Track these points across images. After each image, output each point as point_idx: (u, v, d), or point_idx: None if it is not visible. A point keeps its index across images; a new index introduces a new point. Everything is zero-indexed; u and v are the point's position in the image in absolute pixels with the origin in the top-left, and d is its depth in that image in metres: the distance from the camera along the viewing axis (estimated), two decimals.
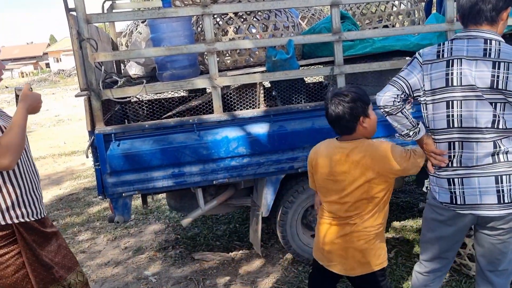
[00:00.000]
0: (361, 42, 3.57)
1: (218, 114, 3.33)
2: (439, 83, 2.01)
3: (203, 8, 3.18)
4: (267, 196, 3.56)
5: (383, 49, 3.59)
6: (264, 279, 3.65)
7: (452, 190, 2.08)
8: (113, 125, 3.25)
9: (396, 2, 4.70)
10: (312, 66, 3.89)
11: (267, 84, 4.31)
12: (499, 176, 1.99)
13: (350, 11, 4.69)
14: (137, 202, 5.72)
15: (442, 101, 2.02)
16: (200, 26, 3.69)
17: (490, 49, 1.93)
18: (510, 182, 1.99)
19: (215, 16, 3.60)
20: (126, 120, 3.37)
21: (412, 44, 3.60)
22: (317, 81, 5.35)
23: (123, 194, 3.31)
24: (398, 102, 2.04)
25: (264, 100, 3.71)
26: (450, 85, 1.98)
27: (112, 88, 3.26)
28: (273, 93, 3.64)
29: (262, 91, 3.50)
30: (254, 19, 3.55)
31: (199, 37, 3.69)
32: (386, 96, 2.05)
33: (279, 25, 3.56)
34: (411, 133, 2.11)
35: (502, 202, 2.00)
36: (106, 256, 4.38)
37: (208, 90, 4.17)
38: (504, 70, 1.89)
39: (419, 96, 2.09)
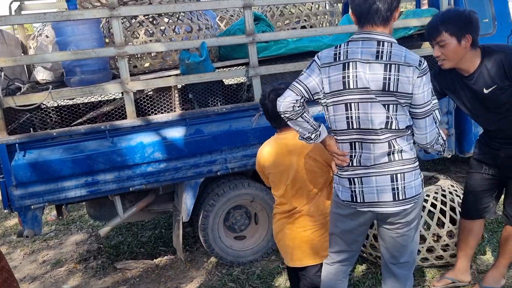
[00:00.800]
0: (275, 43, 3.61)
1: (131, 120, 3.24)
2: (337, 85, 2.03)
3: (111, 11, 3.08)
4: (187, 201, 3.51)
5: (297, 50, 3.64)
6: (187, 284, 3.60)
7: (353, 189, 2.15)
8: (17, 134, 3.07)
9: (317, 4, 4.79)
10: (229, 68, 3.88)
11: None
12: (394, 175, 2.07)
13: (270, 12, 4.74)
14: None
15: (341, 103, 2.06)
16: (111, 29, 3.56)
17: (382, 52, 1.97)
18: (404, 180, 2.07)
19: (125, 18, 3.49)
20: (32, 129, 3.19)
21: (325, 45, 3.68)
22: (240, 82, 5.35)
23: (32, 207, 3.14)
24: (298, 107, 2.05)
25: (182, 103, 3.65)
26: (347, 87, 2.02)
27: (14, 95, 3.08)
28: (190, 96, 3.59)
29: (177, 95, 3.44)
30: (170, 21, 3.48)
31: (109, 40, 3.57)
32: (286, 102, 2.06)
33: (193, 27, 3.51)
34: (312, 136, 2.14)
35: (397, 199, 2.08)
36: (22, 271, 4.14)
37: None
38: (394, 72, 1.95)
39: (319, 98, 2.12)
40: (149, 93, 3.60)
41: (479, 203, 2.93)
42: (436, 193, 3.44)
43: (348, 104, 2.04)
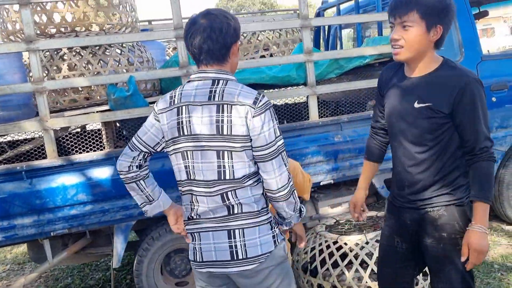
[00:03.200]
0: None
1: (51, 159, 3.03)
2: (174, 132, 1.82)
3: (28, 44, 2.90)
4: (117, 245, 3.25)
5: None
6: None
7: (194, 246, 1.90)
8: None
9: (276, 32, 4.57)
10: None
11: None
12: (231, 231, 1.81)
13: None
14: (17, 250, 5.27)
15: (178, 152, 1.83)
16: None
17: (215, 91, 1.75)
18: (243, 237, 1.80)
19: (47, 52, 3.31)
20: None
21: (268, 77, 3.46)
22: None
23: None
24: (136, 167, 1.87)
25: (117, 140, 3.43)
26: (182, 134, 1.80)
27: None
28: (124, 133, 3.38)
29: (109, 132, 3.22)
30: (97, 54, 3.27)
31: None
32: (121, 160, 1.89)
33: (123, 60, 3.31)
34: (143, 208, 1.96)
35: (235, 258, 1.81)
36: None
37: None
38: (227, 113, 1.72)
39: (164, 148, 1.90)
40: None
41: (400, 281, 2.21)
42: (377, 241, 3.09)
43: (185, 152, 1.81)
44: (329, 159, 3.56)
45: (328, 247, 3.15)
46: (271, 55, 4.41)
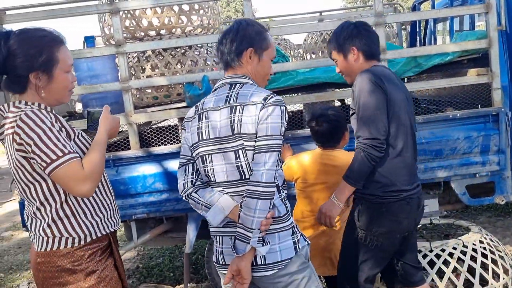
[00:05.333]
0: (283, 75, 3.45)
1: (134, 151, 3.39)
2: (194, 137, 1.92)
3: (117, 48, 3.28)
4: (190, 232, 3.52)
5: (306, 81, 3.44)
6: None
7: (216, 248, 1.97)
8: None
9: None
10: None
11: None
12: None
13: (314, 38, 4.58)
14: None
15: (199, 156, 1.93)
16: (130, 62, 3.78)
17: (231, 95, 1.85)
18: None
19: (135, 54, 3.68)
20: None
21: (338, 76, 3.41)
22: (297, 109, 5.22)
23: None
24: (189, 183, 1.94)
25: None
26: (201, 139, 1.90)
27: None
28: None
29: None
30: (176, 55, 3.55)
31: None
32: (178, 184, 1.99)
33: (199, 60, 3.55)
34: (209, 216, 1.88)
35: (254, 264, 1.83)
36: None
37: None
38: (239, 113, 1.80)
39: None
40: None
41: None
42: (454, 248, 2.93)
43: (204, 156, 1.90)
44: None
45: None
46: None
